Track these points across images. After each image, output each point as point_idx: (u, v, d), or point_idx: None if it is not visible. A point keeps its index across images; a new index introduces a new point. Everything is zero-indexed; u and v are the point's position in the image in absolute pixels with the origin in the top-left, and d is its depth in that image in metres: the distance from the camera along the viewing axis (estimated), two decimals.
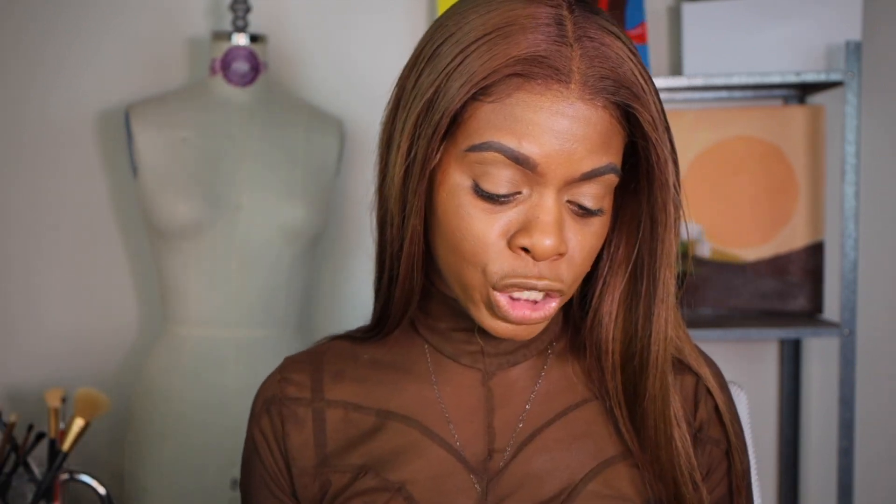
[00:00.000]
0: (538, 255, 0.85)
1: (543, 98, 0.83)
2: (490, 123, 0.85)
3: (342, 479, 0.97)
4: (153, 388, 2.04)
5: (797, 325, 2.10)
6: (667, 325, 0.92)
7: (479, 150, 0.85)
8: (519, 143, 0.84)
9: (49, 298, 2.32)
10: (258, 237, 2.01)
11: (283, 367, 1.05)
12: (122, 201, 2.31)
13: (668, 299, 0.92)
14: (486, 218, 0.86)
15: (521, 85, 0.84)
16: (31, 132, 2.29)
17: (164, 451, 2.01)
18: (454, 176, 0.87)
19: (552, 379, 1.00)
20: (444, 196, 0.88)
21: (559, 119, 0.83)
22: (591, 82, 0.84)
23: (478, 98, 0.85)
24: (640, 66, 0.87)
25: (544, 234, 0.84)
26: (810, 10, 2.14)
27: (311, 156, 2.11)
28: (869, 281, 2.29)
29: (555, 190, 0.85)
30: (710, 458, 0.99)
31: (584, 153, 0.84)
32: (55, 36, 2.28)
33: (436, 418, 0.98)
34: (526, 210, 0.86)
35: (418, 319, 1.02)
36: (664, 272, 0.91)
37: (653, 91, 0.88)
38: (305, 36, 2.33)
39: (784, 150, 2.20)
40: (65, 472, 1.65)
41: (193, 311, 2.03)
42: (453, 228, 0.87)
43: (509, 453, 0.96)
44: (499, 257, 0.86)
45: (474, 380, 0.99)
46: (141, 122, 2.05)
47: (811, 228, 2.21)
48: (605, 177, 0.86)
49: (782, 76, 2.05)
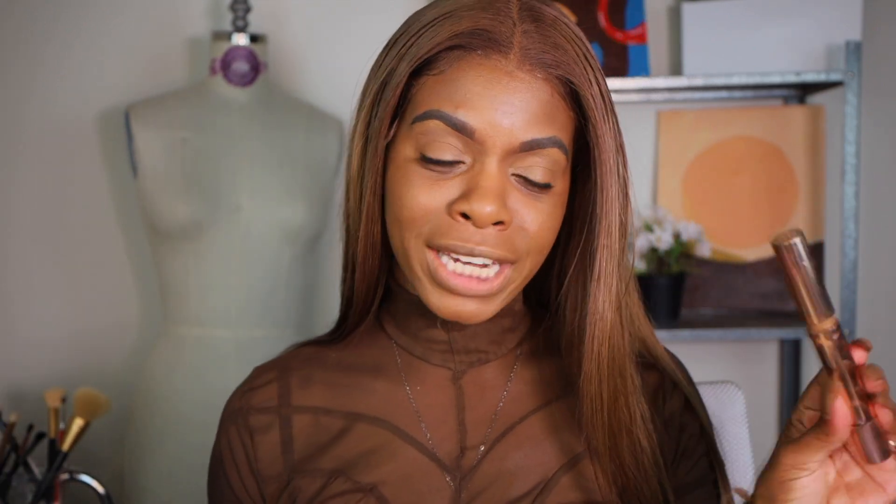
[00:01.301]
0: (477, 220, 0.85)
1: (482, 67, 0.86)
2: (434, 94, 0.87)
3: (312, 484, 0.96)
4: (153, 387, 2.04)
5: (797, 324, 2.10)
6: (605, 306, 0.90)
7: (421, 120, 0.87)
8: (456, 109, 0.86)
9: (49, 298, 2.32)
10: (258, 237, 2.01)
11: (249, 377, 1.05)
12: (122, 201, 2.31)
13: (608, 281, 0.90)
14: (430, 186, 0.87)
15: (462, 56, 0.87)
16: (31, 132, 2.29)
17: (164, 451, 2.01)
18: (404, 150, 0.89)
19: (524, 378, 1.00)
20: (394, 170, 0.90)
21: (497, 87, 0.85)
22: (531, 55, 0.86)
23: (423, 73, 0.88)
24: (584, 48, 0.89)
25: (483, 200, 0.85)
26: (810, 10, 2.14)
27: (311, 156, 2.11)
28: (868, 281, 2.29)
29: (496, 159, 0.86)
30: (684, 443, 0.99)
31: (523, 123, 0.86)
32: (55, 36, 2.28)
33: (407, 418, 0.97)
34: (468, 179, 0.87)
35: (386, 321, 1.02)
36: (601, 252, 0.90)
37: (596, 71, 0.89)
38: (305, 36, 2.33)
39: (784, 150, 2.20)
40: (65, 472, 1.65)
41: (193, 311, 2.03)
42: (397, 198, 0.89)
43: (482, 451, 0.96)
44: (438, 221, 0.87)
45: (445, 378, 0.99)
46: (141, 122, 2.05)
47: (811, 228, 2.21)
48: (548, 150, 0.87)
49: (782, 76, 2.05)
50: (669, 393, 1.00)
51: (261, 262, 2.03)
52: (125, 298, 2.34)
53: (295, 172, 2.07)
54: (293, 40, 2.32)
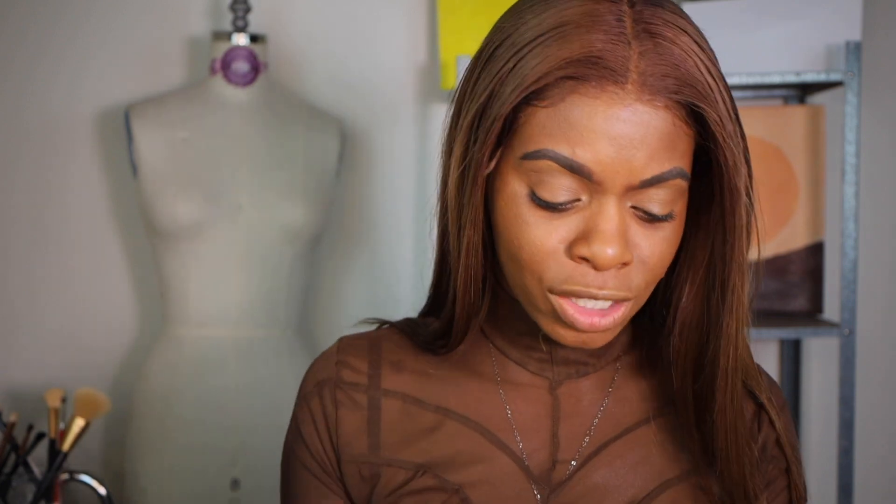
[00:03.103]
0: (599, 265, 0.81)
1: (598, 101, 0.79)
2: (544, 130, 0.80)
3: (398, 475, 0.94)
4: (153, 388, 2.04)
5: (797, 325, 2.09)
6: (737, 334, 0.87)
7: (533, 158, 0.81)
8: (573, 150, 0.79)
9: (49, 298, 2.31)
10: (258, 237, 2.01)
11: (340, 348, 1.01)
12: (121, 201, 2.30)
13: (740, 310, 0.87)
14: (545, 226, 0.82)
15: (574, 88, 0.79)
16: (30, 132, 2.29)
17: (164, 452, 2.01)
18: (512, 184, 0.83)
19: (621, 393, 0.96)
20: (502, 204, 0.84)
21: (615, 123, 0.78)
22: (650, 81, 0.79)
23: (531, 103, 0.81)
24: (709, 61, 0.82)
25: (605, 244, 0.80)
26: (810, 10, 2.12)
27: (312, 156, 2.11)
28: (869, 281, 2.27)
29: (616, 197, 0.81)
30: (768, 475, 0.96)
31: (645, 159, 0.79)
32: (54, 35, 2.28)
33: (499, 423, 0.94)
34: (586, 218, 0.81)
35: (486, 321, 0.97)
36: (734, 279, 0.86)
37: (722, 88, 0.82)
38: (305, 36, 2.32)
39: (784, 151, 2.19)
40: (65, 472, 1.66)
41: (193, 312, 2.03)
42: (512, 237, 0.84)
43: (575, 465, 0.93)
44: (557, 265, 0.83)
45: (541, 387, 0.95)
46: (141, 121, 2.05)
47: (811, 228, 2.19)
48: (670, 182, 0.81)
49: (782, 76, 2.04)
50: (766, 423, 0.97)
51: (261, 262, 2.03)
52: (125, 299, 2.33)
53: (295, 172, 2.06)
54: (293, 40, 2.31)
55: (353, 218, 2.33)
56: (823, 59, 2.13)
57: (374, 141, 2.30)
